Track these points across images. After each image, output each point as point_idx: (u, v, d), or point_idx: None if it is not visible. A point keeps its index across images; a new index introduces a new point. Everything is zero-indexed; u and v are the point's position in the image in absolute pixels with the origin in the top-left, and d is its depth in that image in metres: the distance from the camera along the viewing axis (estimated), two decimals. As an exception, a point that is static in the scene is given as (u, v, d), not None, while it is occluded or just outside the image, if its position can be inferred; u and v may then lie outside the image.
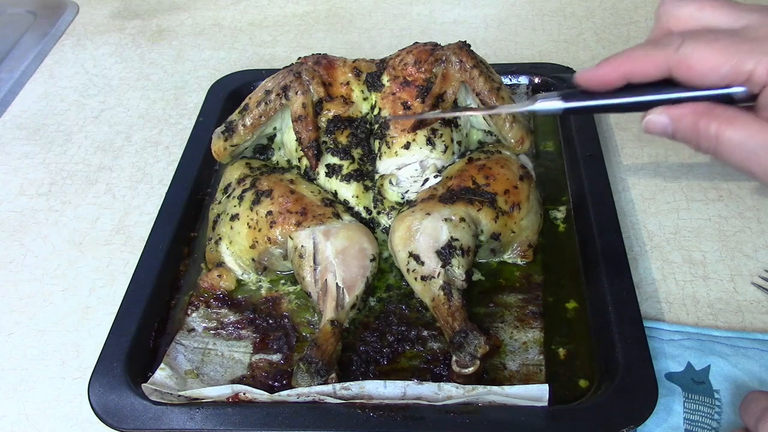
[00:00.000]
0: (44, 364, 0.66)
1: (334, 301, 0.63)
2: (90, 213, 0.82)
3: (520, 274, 0.69)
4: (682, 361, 0.61)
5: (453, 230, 0.65)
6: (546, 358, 0.61)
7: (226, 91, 0.92)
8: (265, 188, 0.70)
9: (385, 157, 0.73)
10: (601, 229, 0.68)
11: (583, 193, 0.73)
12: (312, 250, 0.66)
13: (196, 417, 0.55)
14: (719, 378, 0.59)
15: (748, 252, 0.71)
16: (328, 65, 0.77)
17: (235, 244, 0.69)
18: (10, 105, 1.02)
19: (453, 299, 0.61)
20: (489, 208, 0.67)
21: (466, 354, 0.57)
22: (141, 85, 1.04)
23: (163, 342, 0.65)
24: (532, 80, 0.91)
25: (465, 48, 0.74)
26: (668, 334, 0.63)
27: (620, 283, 0.63)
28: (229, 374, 0.62)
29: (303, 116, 0.73)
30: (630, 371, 0.56)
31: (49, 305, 0.72)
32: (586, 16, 1.12)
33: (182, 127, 0.94)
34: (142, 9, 1.24)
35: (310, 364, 0.57)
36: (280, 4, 1.22)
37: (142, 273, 0.68)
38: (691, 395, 0.58)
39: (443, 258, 0.63)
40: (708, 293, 0.67)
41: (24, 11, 1.25)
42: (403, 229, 0.66)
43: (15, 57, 1.13)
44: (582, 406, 0.55)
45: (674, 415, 0.57)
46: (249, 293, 0.70)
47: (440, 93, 0.72)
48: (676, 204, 0.77)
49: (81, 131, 0.96)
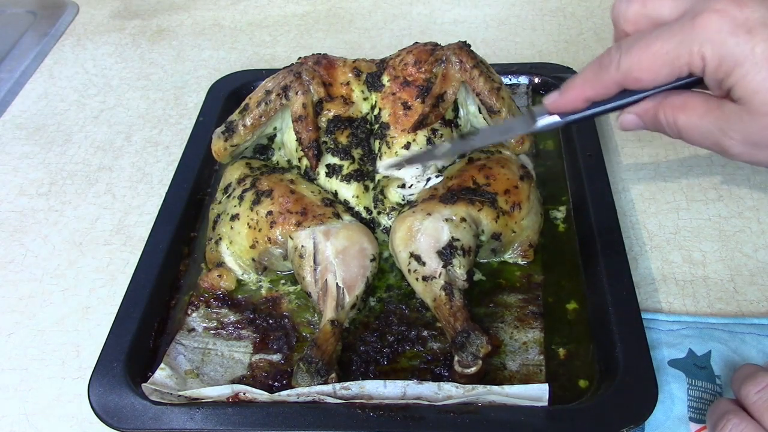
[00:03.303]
0: (44, 364, 0.66)
1: (334, 301, 0.63)
2: (90, 213, 0.82)
3: (520, 274, 0.69)
4: (683, 348, 0.61)
5: (454, 230, 0.65)
6: (546, 358, 0.61)
7: (226, 91, 0.92)
8: (266, 188, 0.70)
9: (385, 157, 0.73)
10: (601, 229, 0.68)
11: (583, 193, 0.73)
12: (312, 250, 0.66)
13: (196, 417, 0.55)
14: (720, 363, 0.60)
15: (748, 252, 0.71)
16: (329, 65, 0.77)
17: (236, 244, 0.69)
18: (10, 105, 1.02)
19: (454, 299, 0.61)
20: (490, 208, 0.67)
21: (469, 354, 0.58)
22: (141, 85, 1.04)
23: (163, 342, 0.65)
24: (532, 80, 0.91)
25: (465, 48, 0.74)
26: (667, 325, 0.63)
27: (620, 283, 0.63)
28: (229, 374, 0.62)
29: (303, 116, 0.73)
30: (630, 371, 0.56)
31: (49, 305, 0.72)
32: (586, 16, 1.12)
33: (182, 127, 0.94)
34: (142, 9, 1.24)
35: (310, 364, 0.58)
36: (280, 4, 1.22)
37: (142, 273, 0.68)
38: (694, 381, 0.59)
39: (444, 258, 0.63)
40: (708, 293, 0.67)
41: (24, 11, 1.25)
42: (404, 229, 0.66)
43: (15, 57, 1.13)
44: (582, 406, 0.55)
45: (679, 404, 0.57)
46: (249, 293, 0.70)
47: (440, 93, 0.72)
48: (676, 204, 0.77)
49: (81, 131, 0.96)
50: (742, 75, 0.45)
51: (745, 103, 0.46)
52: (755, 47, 0.44)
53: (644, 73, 0.48)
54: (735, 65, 0.45)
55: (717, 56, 0.45)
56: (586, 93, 0.52)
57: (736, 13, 0.45)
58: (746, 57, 0.44)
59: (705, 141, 0.50)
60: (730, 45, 0.45)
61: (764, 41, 0.44)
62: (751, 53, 0.44)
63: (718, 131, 0.48)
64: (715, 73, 0.46)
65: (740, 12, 0.44)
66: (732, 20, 0.45)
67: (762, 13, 0.44)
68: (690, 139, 0.51)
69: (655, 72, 0.48)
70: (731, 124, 0.47)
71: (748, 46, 0.44)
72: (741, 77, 0.45)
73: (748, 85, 0.45)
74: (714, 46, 0.45)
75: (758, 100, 0.45)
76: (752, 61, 0.44)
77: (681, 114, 0.49)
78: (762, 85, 0.44)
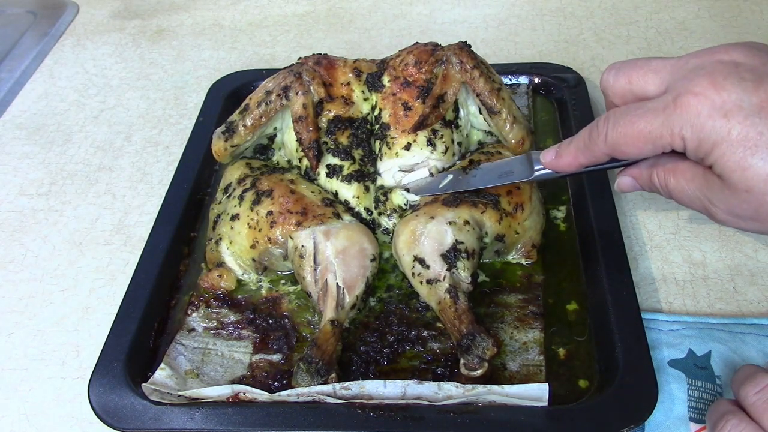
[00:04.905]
0: (44, 364, 0.66)
1: (335, 301, 0.63)
2: (90, 213, 0.82)
3: (520, 274, 0.69)
4: (683, 348, 0.61)
5: (458, 233, 0.65)
6: (546, 358, 0.61)
7: (226, 91, 0.92)
8: (266, 188, 0.70)
9: (385, 157, 0.73)
10: (601, 229, 0.68)
11: (583, 193, 0.73)
12: (312, 250, 0.66)
13: (196, 417, 0.55)
14: (720, 364, 0.60)
15: (748, 252, 0.71)
16: (329, 65, 0.77)
17: (236, 244, 0.69)
18: (10, 105, 1.02)
19: (459, 302, 0.61)
20: (493, 210, 0.67)
21: (474, 357, 0.58)
22: (141, 85, 1.04)
23: (163, 342, 0.65)
24: (532, 80, 0.92)
25: (465, 48, 0.74)
26: (667, 325, 0.63)
27: (620, 283, 0.63)
28: (229, 374, 0.62)
29: (303, 117, 0.73)
30: (630, 371, 0.56)
31: (49, 305, 0.72)
32: (586, 16, 1.12)
33: (182, 127, 0.94)
34: (142, 9, 1.24)
35: (310, 364, 0.58)
36: (280, 4, 1.22)
37: (142, 273, 0.68)
38: (694, 381, 0.59)
39: (448, 261, 0.63)
40: (708, 293, 0.67)
41: (24, 11, 1.25)
42: (408, 233, 0.66)
43: (15, 57, 1.13)
44: (582, 406, 0.55)
45: (679, 404, 0.57)
46: (249, 293, 0.70)
47: (441, 93, 0.72)
48: (676, 204, 0.76)
49: (81, 131, 0.96)
50: (720, 155, 0.48)
51: (725, 180, 0.49)
52: (731, 130, 0.47)
53: (630, 149, 0.52)
54: (713, 146, 0.48)
55: (696, 138, 0.48)
56: (579, 160, 0.57)
57: (714, 96, 0.47)
58: (723, 139, 0.47)
59: (693, 204, 0.53)
60: (708, 128, 0.47)
61: (740, 124, 0.47)
62: (727, 135, 0.47)
63: (703, 198, 0.52)
64: (695, 152, 0.49)
65: (718, 96, 0.47)
66: (710, 104, 0.47)
67: (738, 95, 0.47)
68: (680, 201, 0.54)
69: (640, 148, 0.52)
70: (714, 194, 0.51)
71: (725, 130, 0.47)
72: (719, 157, 0.48)
73: (725, 164, 0.48)
74: (693, 128, 0.48)
75: (736, 178, 0.48)
76: (728, 143, 0.47)
77: (671, 177, 0.54)
78: (739, 164, 0.47)
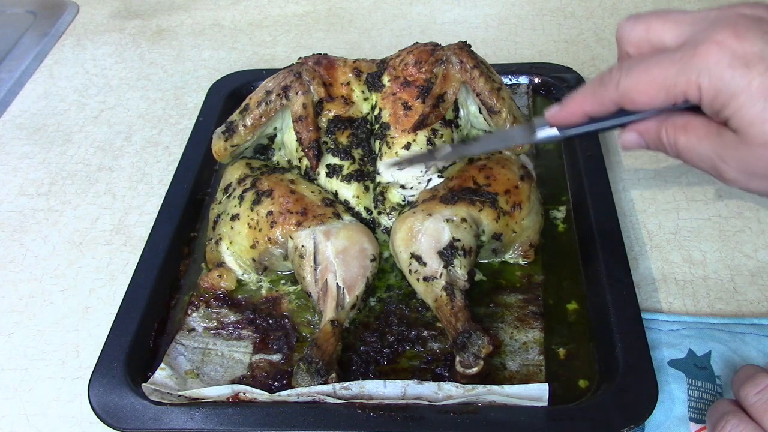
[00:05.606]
0: (44, 364, 0.66)
1: (335, 301, 0.63)
2: (90, 213, 0.82)
3: (520, 274, 0.69)
4: (683, 348, 0.61)
5: (455, 231, 0.65)
6: (546, 358, 0.61)
7: (226, 91, 0.92)
8: (266, 188, 0.70)
9: (385, 157, 0.73)
10: (601, 229, 0.68)
11: (583, 193, 0.73)
12: (312, 250, 0.66)
13: (196, 417, 0.55)
14: (720, 364, 0.60)
15: (748, 252, 0.71)
16: (329, 65, 0.77)
17: (236, 244, 0.69)
18: (10, 105, 1.02)
19: (456, 300, 0.61)
20: (490, 209, 0.67)
21: (470, 354, 0.58)
22: (141, 85, 1.04)
23: (163, 342, 0.65)
24: (532, 80, 0.92)
25: (465, 48, 0.74)
26: (667, 325, 0.63)
27: (620, 283, 0.63)
28: (229, 374, 0.62)
29: (303, 116, 0.73)
30: (630, 371, 0.56)
31: (49, 305, 0.72)
32: (586, 16, 1.12)
33: (182, 127, 0.94)
34: (142, 9, 1.24)
35: (310, 364, 0.58)
36: (280, 4, 1.22)
37: (142, 273, 0.68)
38: (694, 381, 0.59)
39: (445, 259, 0.63)
40: (708, 293, 0.67)
41: (24, 11, 1.25)
42: (405, 230, 0.66)
43: (15, 57, 1.12)
44: (582, 406, 0.55)
45: (679, 404, 0.57)
46: (249, 293, 0.70)
47: (441, 93, 0.72)
48: (676, 204, 0.77)
49: (81, 131, 0.96)
50: (738, 107, 0.46)
51: (742, 134, 0.47)
52: (752, 81, 0.45)
53: (641, 96, 0.50)
54: (731, 98, 0.46)
55: (714, 88, 0.46)
56: (584, 108, 0.53)
57: (736, 46, 0.46)
58: (742, 90, 0.45)
59: (702, 164, 0.51)
60: (727, 78, 0.46)
61: (761, 75, 0.45)
62: (747, 87, 0.45)
63: (715, 156, 0.50)
64: (711, 104, 0.47)
65: (739, 45, 0.45)
66: (731, 53, 0.45)
67: (761, 46, 0.45)
68: (688, 160, 0.52)
69: (652, 96, 0.49)
70: (728, 151, 0.49)
71: (745, 80, 0.45)
72: (737, 109, 0.46)
73: (744, 117, 0.46)
74: (711, 77, 0.46)
75: (753, 131, 0.46)
76: (748, 94, 0.45)
77: (682, 135, 0.51)
78: (758, 118, 0.45)
